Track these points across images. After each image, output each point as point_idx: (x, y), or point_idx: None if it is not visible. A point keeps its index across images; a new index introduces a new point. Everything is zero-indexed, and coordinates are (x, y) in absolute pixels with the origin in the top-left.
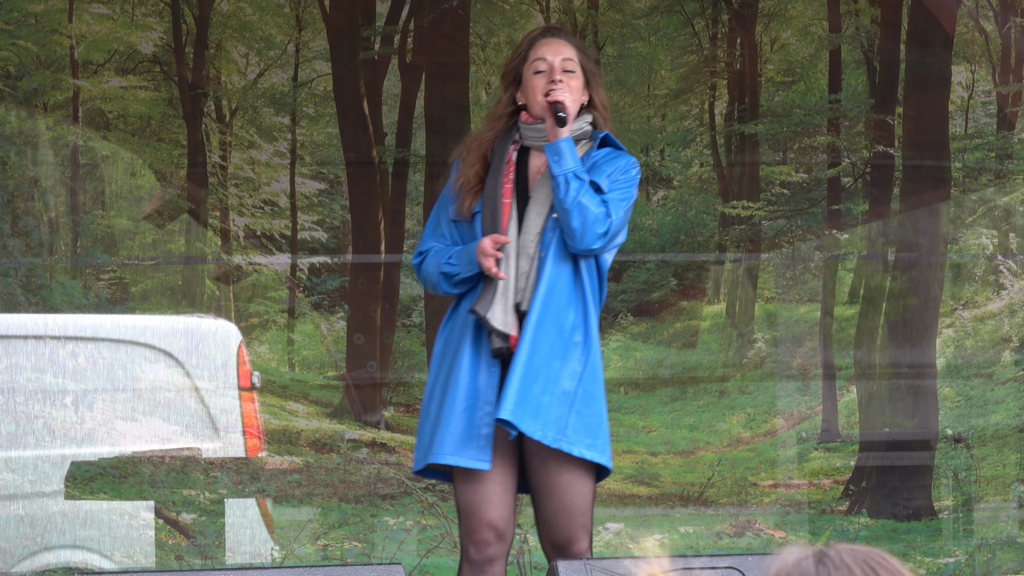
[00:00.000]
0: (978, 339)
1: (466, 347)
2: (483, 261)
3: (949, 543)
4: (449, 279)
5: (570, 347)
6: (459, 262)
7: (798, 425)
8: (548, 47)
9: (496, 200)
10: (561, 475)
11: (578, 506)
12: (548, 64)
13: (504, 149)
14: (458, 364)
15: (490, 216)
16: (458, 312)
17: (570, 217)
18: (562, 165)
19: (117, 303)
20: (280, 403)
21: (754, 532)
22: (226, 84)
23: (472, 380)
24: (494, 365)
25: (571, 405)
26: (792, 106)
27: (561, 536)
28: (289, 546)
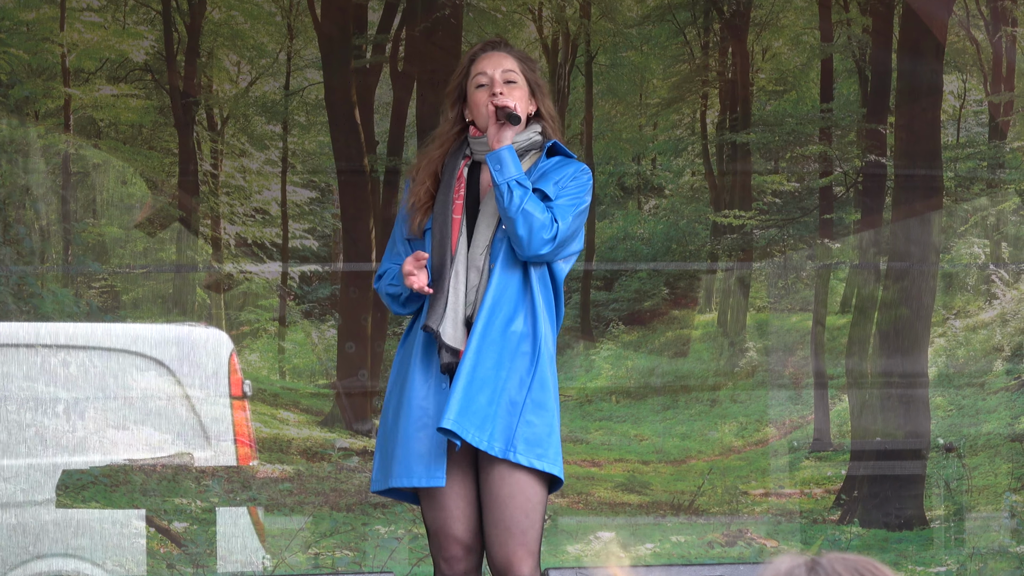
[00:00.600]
0: (970, 348)
1: (416, 365)
2: (406, 280)
3: (940, 552)
4: (396, 300)
5: (517, 356)
6: (398, 282)
7: (790, 434)
8: (488, 61)
9: (446, 216)
10: (504, 486)
11: (519, 523)
12: (488, 77)
13: (455, 164)
14: (410, 383)
15: (439, 232)
16: (412, 331)
17: (516, 225)
18: (504, 173)
19: (108, 311)
20: (271, 411)
21: (746, 541)
22: (217, 92)
23: (424, 398)
24: (444, 381)
25: (519, 415)
26: (784, 115)
27: (501, 556)
28: (280, 554)
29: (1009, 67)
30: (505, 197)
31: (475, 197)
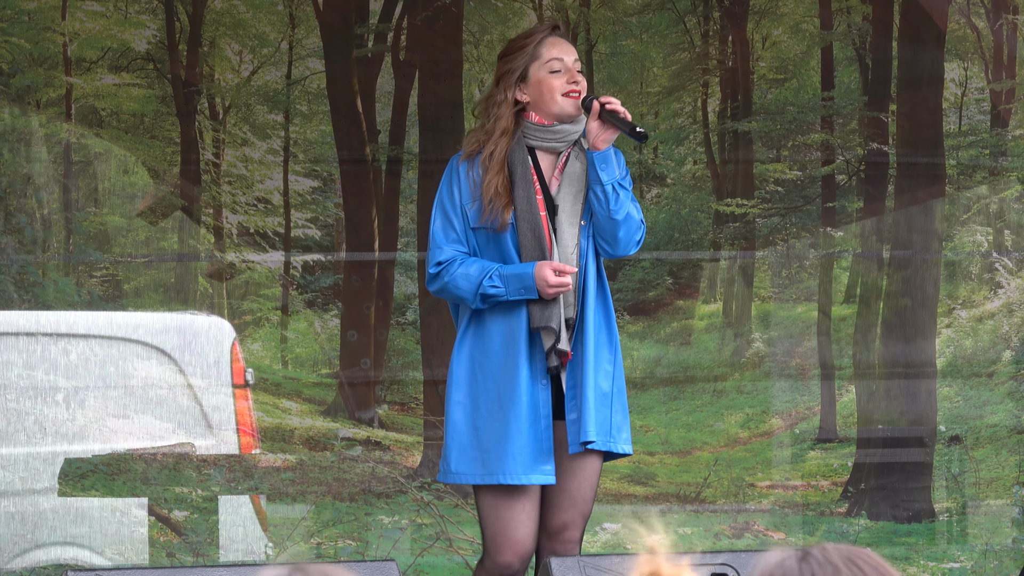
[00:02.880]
0: (977, 339)
1: (523, 363)
2: (550, 291)
3: (952, 547)
4: (487, 299)
5: (602, 349)
6: (505, 286)
7: (796, 425)
8: (561, 47)
9: (534, 214)
10: (574, 457)
11: (583, 492)
12: (564, 64)
13: (521, 156)
14: (516, 381)
15: (531, 232)
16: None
17: (618, 228)
18: (610, 173)
19: (110, 300)
20: (273, 401)
21: (752, 533)
22: (219, 81)
23: (531, 396)
24: (546, 378)
25: (610, 405)
26: (785, 103)
27: (559, 520)
28: (283, 544)
29: (1010, 55)
30: (612, 199)
31: (546, 190)
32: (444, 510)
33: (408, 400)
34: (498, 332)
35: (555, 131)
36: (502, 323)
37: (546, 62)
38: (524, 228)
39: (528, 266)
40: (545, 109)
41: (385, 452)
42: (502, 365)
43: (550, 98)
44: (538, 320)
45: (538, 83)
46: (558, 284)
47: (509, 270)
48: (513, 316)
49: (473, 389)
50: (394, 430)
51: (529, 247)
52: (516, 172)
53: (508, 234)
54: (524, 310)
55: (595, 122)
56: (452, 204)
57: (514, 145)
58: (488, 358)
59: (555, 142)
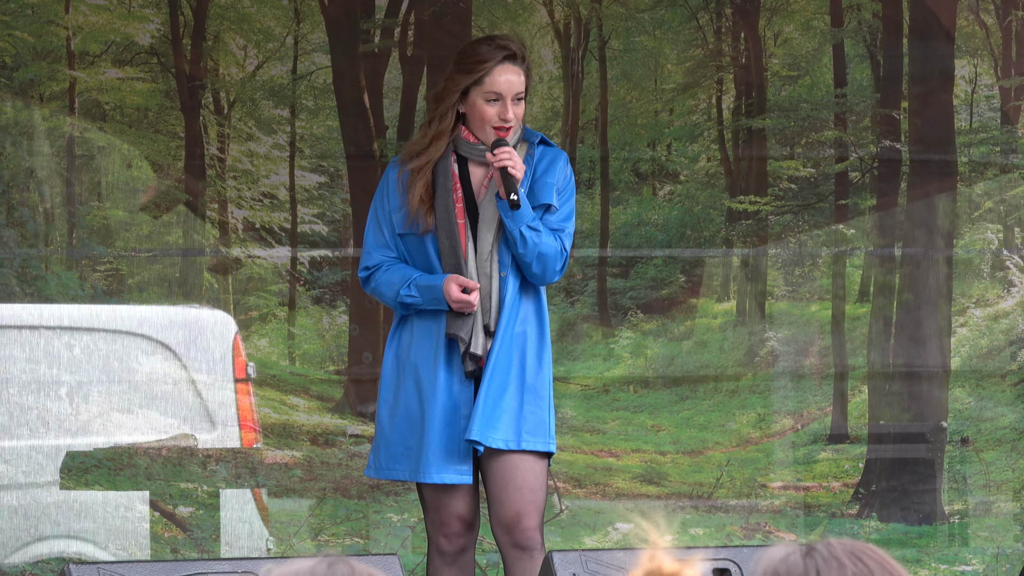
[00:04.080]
0: (992, 338)
1: (441, 365)
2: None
3: (964, 550)
4: (406, 306)
5: (526, 355)
6: (420, 296)
7: (807, 426)
8: (503, 80)
9: (451, 222)
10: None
11: (528, 481)
12: (502, 97)
13: (447, 164)
14: (435, 382)
15: (447, 239)
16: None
17: (531, 267)
18: (517, 221)
19: (113, 295)
20: (280, 397)
21: (764, 534)
22: (224, 76)
23: (449, 398)
24: (467, 383)
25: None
26: (798, 100)
27: (511, 511)
28: (288, 541)
29: (1019, 51)
30: (519, 243)
31: (469, 196)
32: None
33: None
34: (421, 334)
35: (481, 149)
36: (425, 325)
37: (485, 91)
38: (442, 235)
39: (439, 278)
40: (475, 131)
41: None
42: (423, 366)
43: (479, 125)
44: (451, 327)
45: (473, 105)
46: (460, 300)
47: (424, 280)
48: (434, 320)
49: (397, 389)
50: None
51: (447, 254)
52: (437, 180)
53: (430, 240)
54: (443, 317)
55: (497, 173)
56: (382, 210)
57: (442, 157)
58: (411, 359)
59: (482, 158)
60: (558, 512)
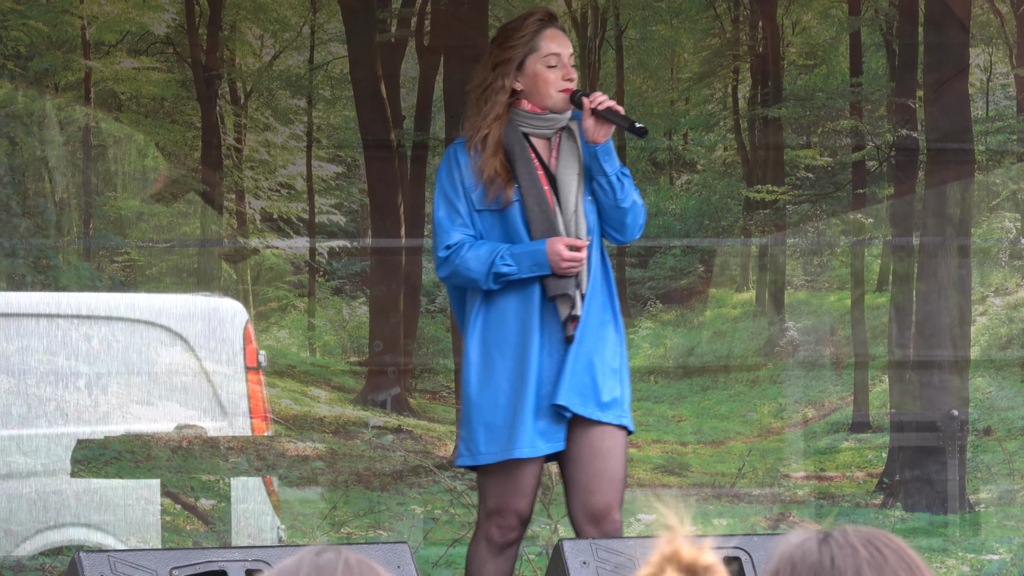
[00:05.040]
0: (1012, 327)
1: (536, 337)
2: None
3: (991, 539)
4: (499, 278)
5: (605, 324)
6: (517, 263)
7: (829, 415)
8: (558, 41)
9: (539, 189)
10: (604, 440)
11: (619, 473)
12: (560, 60)
13: (517, 137)
14: (529, 354)
15: (537, 206)
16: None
17: (625, 215)
18: (613, 165)
19: (131, 286)
20: (301, 388)
21: (789, 525)
22: (240, 66)
23: (540, 367)
24: (559, 348)
25: (620, 381)
26: (814, 89)
27: (600, 503)
28: (312, 533)
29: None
30: (618, 189)
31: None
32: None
33: (439, 388)
34: (511, 310)
35: (546, 119)
36: (514, 300)
37: (544, 56)
38: (531, 203)
39: (539, 243)
40: (538, 101)
41: (416, 441)
42: (517, 342)
43: (545, 91)
44: (553, 289)
45: (534, 75)
46: (572, 259)
47: (520, 248)
48: (525, 292)
49: (490, 370)
50: (425, 419)
51: (538, 221)
52: (514, 151)
53: (514, 212)
54: (536, 286)
55: (589, 120)
56: (454, 189)
57: (508, 129)
58: (503, 336)
59: (546, 129)
60: None
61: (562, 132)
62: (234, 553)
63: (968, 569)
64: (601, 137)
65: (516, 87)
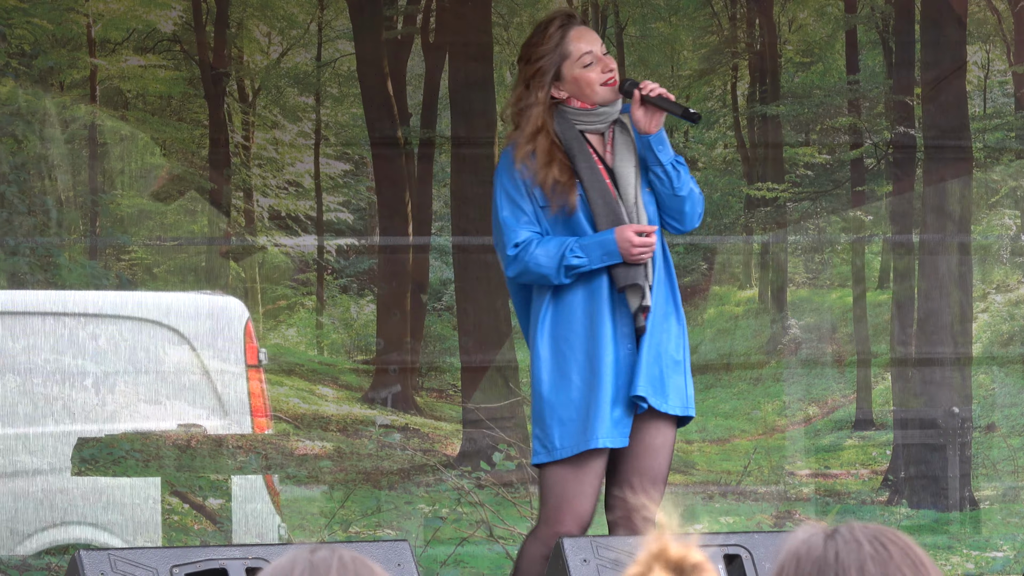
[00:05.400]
0: (1014, 324)
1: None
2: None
3: (995, 536)
4: (570, 271)
5: (668, 316)
6: (587, 255)
7: (832, 413)
8: (586, 38)
9: (603, 184)
10: (657, 437)
11: (662, 473)
12: (594, 55)
13: (575, 135)
14: (600, 347)
15: (602, 199)
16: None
17: (683, 203)
18: (667, 153)
19: (138, 284)
20: (309, 387)
21: (795, 523)
22: (248, 64)
23: (615, 359)
24: (631, 339)
25: (684, 373)
26: (812, 87)
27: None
28: (320, 533)
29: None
30: (674, 177)
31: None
32: (486, 499)
33: (446, 387)
34: (579, 304)
35: (598, 114)
36: (582, 294)
37: (578, 58)
38: (594, 196)
39: (608, 232)
40: (586, 100)
41: (424, 440)
42: (587, 336)
43: (590, 91)
44: (624, 279)
45: (575, 80)
46: (642, 244)
47: (589, 239)
48: (592, 285)
49: (562, 365)
50: (431, 417)
51: (603, 214)
52: (573, 148)
53: (580, 209)
54: (603, 278)
55: (639, 109)
56: (516, 188)
57: (564, 128)
58: (572, 330)
59: (599, 123)
60: None
61: (615, 125)
62: (234, 551)
63: (972, 566)
64: (653, 127)
65: (559, 95)
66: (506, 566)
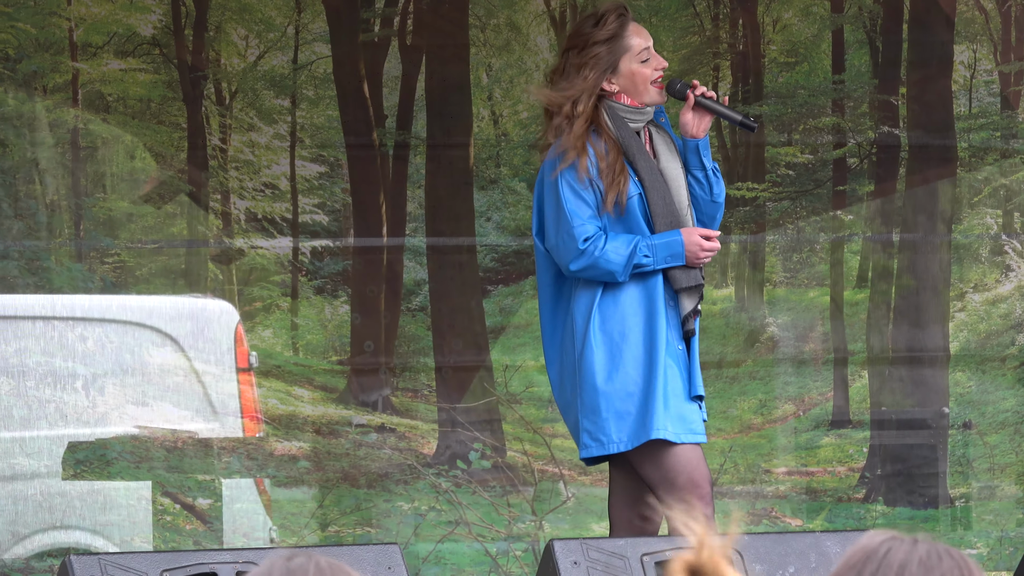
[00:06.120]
0: (991, 323)
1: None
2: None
3: (969, 534)
4: (636, 269)
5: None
6: (654, 255)
7: (809, 411)
8: (641, 34)
9: (661, 182)
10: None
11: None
12: (649, 51)
13: (631, 133)
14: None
15: (661, 199)
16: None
17: (719, 210)
18: (710, 160)
19: (121, 287)
20: (286, 388)
21: (771, 520)
22: (226, 66)
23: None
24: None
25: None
26: (796, 87)
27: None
28: (299, 532)
29: (1019, 36)
30: (715, 183)
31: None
32: (463, 496)
33: (420, 387)
34: (636, 300)
35: (644, 112)
36: (638, 291)
37: (637, 53)
38: (655, 198)
39: (674, 233)
40: (636, 97)
41: (400, 439)
42: (646, 332)
43: (643, 88)
44: (683, 281)
45: (631, 74)
46: (711, 249)
47: (656, 239)
48: (647, 283)
49: (617, 359)
50: (408, 417)
51: (661, 214)
52: (631, 147)
53: (634, 206)
54: (658, 277)
55: (689, 112)
56: (580, 180)
57: (619, 126)
58: (628, 327)
59: (640, 122)
60: (564, 500)
61: (650, 125)
62: (224, 555)
63: None
64: (701, 132)
65: (610, 88)
66: (485, 563)
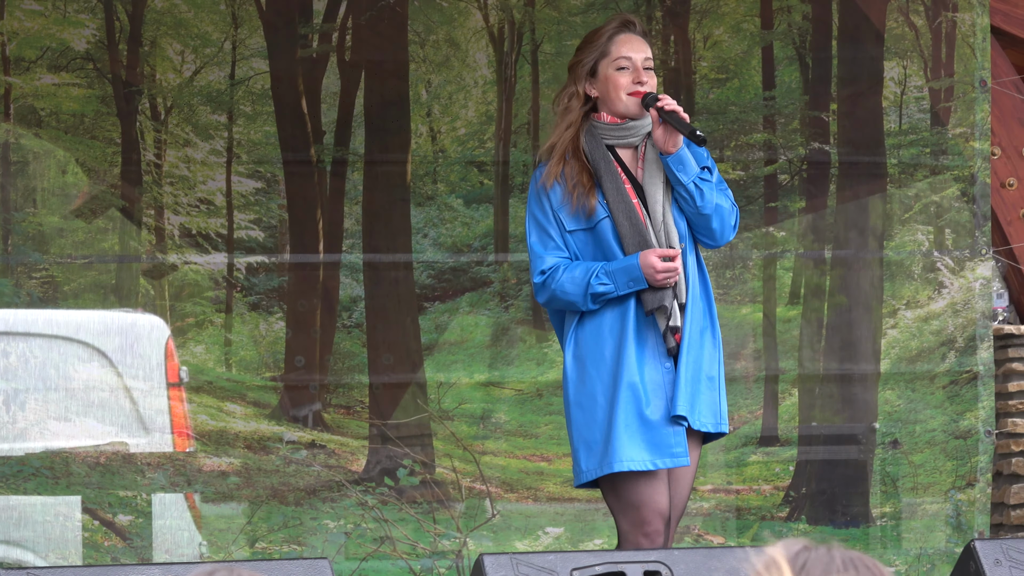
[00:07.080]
0: (923, 340)
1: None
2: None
3: (888, 552)
4: (597, 298)
5: (704, 331)
6: (613, 281)
7: (739, 429)
8: (630, 44)
9: (628, 203)
10: (692, 455)
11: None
12: (631, 63)
13: (601, 151)
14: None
15: (627, 220)
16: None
17: (710, 221)
18: (688, 173)
19: (49, 302)
20: (217, 404)
21: (693, 538)
22: (161, 82)
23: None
24: (668, 361)
25: (717, 390)
26: (727, 103)
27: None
28: (227, 548)
29: (949, 53)
30: (696, 197)
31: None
32: (389, 513)
33: (353, 403)
34: (606, 326)
35: (628, 128)
36: (609, 316)
37: (614, 59)
38: (620, 218)
39: (632, 258)
40: (611, 107)
41: (330, 456)
42: (613, 357)
43: (615, 96)
44: (651, 303)
45: (605, 80)
46: (666, 269)
47: (614, 265)
48: (620, 308)
49: (587, 387)
50: (339, 434)
51: (629, 235)
52: (599, 167)
53: (606, 228)
54: (631, 301)
55: (659, 128)
56: (544, 213)
57: (592, 144)
58: (600, 353)
59: (630, 137)
60: (490, 516)
61: (648, 139)
62: (153, 570)
63: None
64: (671, 147)
65: (592, 93)
66: None
